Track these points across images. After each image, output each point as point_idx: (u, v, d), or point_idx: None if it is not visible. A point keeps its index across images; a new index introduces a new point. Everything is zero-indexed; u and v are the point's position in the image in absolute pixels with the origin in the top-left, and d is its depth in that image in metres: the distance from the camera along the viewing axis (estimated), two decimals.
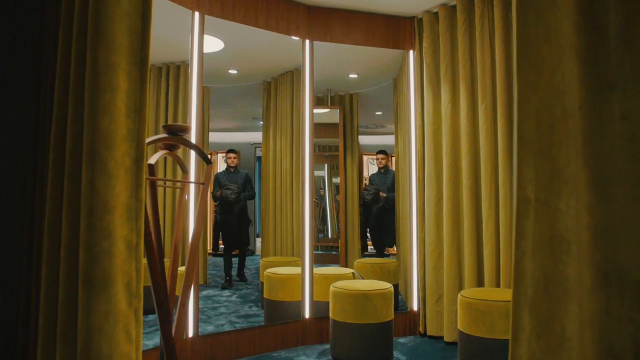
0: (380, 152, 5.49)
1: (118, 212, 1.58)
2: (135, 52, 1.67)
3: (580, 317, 0.98)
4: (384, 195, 5.35)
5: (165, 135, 2.48)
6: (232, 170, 5.50)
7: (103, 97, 1.58)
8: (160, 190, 4.52)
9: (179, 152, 3.83)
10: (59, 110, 1.66)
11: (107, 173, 1.57)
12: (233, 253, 5.43)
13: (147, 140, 2.44)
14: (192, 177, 3.41)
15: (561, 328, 0.98)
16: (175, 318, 2.57)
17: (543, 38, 1.01)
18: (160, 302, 2.36)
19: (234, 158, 5.55)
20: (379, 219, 5.38)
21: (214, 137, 5.68)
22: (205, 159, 2.75)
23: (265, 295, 3.96)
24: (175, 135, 2.52)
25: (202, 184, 2.70)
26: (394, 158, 6.46)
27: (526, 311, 0.98)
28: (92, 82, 1.58)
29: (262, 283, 4.22)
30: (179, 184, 4.49)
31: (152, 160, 2.65)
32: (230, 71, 4.74)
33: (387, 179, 5.45)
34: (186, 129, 2.53)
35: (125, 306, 1.58)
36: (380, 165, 5.44)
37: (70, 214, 1.58)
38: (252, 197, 5.49)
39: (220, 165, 6.69)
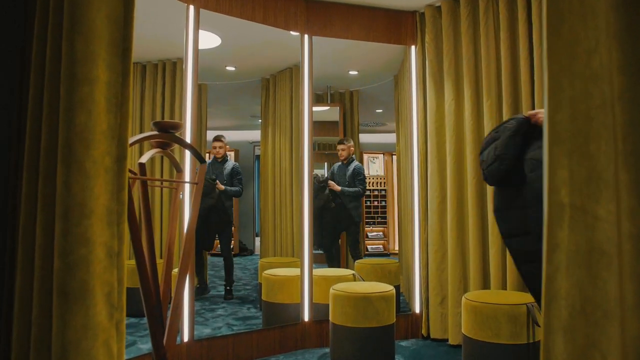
0: (340, 142, 4.96)
1: (97, 216, 1.42)
2: (116, 41, 1.51)
3: (622, 343, 0.82)
4: (338, 189, 4.77)
5: (155, 132, 2.32)
6: (218, 160, 4.91)
7: (80, 89, 1.42)
8: (156, 190, 4.37)
9: (175, 151, 3.67)
10: (34, 106, 1.50)
11: (84, 173, 1.41)
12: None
13: (136, 137, 2.28)
14: (187, 176, 3.24)
15: (601, 356, 0.82)
16: (167, 324, 2.42)
17: (578, 15, 0.85)
18: (151, 309, 2.20)
19: (220, 148, 4.90)
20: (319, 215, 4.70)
21: (212, 135, 5.52)
22: (199, 158, 2.58)
23: (263, 298, 3.80)
24: (167, 133, 2.36)
25: (196, 183, 2.55)
26: (394, 156, 6.31)
27: (560, 336, 0.82)
28: (68, 74, 1.41)
29: (260, 284, 4.06)
30: (172, 184, 4.33)
31: (144, 159, 2.49)
32: (227, 68, 4.57)
33: (346, 172, 4.88)
34: (178, 126, 2.36)
35: (105, 319, 1.42)
36: (342, 157, 4.92)
37: (44, 219, 1.42)
38: (238, 194, 4.81)
39: None
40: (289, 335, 3.53)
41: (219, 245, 6.37)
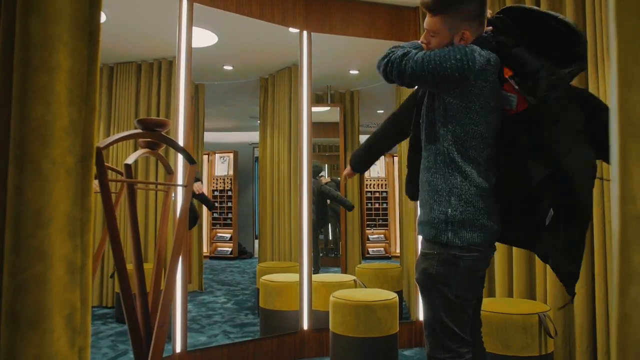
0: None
1: (56, 225, 1.19)
2: (80, 23, 1.27)
3: None
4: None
5: (138, 130, 2.09)
6: None
7: (36, 78, 1.18)
8: (151, 193, 4.14)
9: (170, 152, 3.44)
10: None
11: (40, 176, 1.17)
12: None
13: (118, 136, 2.05)
14: (179, 178, 3.00)
15: None
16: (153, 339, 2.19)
17: None
18: (133, 326, 1.97)
19: None
20: None
21: (210, 136, 5.29)
22: (188, 158, 2.35)
23: (261, 305, 3.56)
24: (152, 131, 2.13)
25: (185, 186, 2.31)
26: (395, 157, 6.06)
27: None
28: (22, 60, 1.18)
29: (259, 289, 3.83)
30: (159, 186, 4.09)
31: (130, 160, 2.26)
32: (225, 67, 4.34)
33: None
34: (164, 124, 2.13)
35: (65, 346, 1.18)
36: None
37: None
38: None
39: (218, 167, 6.29)
40: (287, 345, 3.29)
41: (217, 248, 6.15)
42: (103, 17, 3.59)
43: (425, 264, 1.69)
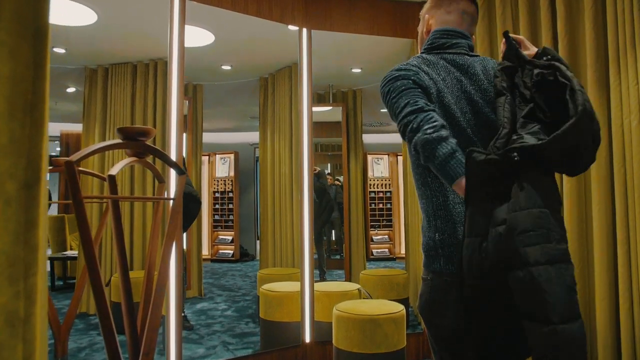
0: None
1: None
2: (24, 19, 1.00)
3: None
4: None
5: (118, 141, 1.83)
6: None
7: None
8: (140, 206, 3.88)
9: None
10: None
11: None
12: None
13: (94, 147, 1.79)
14: (172, 187, 2.74)
15: None
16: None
17: None
18: (112, 353, 1.73)
19: None
20: None
21: (210, 137, 5.03)
22: (176, 168, 2.09)
23: (261, 315, 3.30)
24: (134, 141, 1.87)
25: (173, 199, 2.05)
26: (399, 156, 5.79)
27: None
28: None
29: (259, 297, 3.57)
30: (155, 193, 3.79)
31: (114, 170, 2.01)
32: (223, 67, 4.07)
33: None
34: (147, 133, 1.86)
35: None
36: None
37: None
38: None
39: (219, 168, 6.03)
40: (288, 359, 3.04)
41: (219, 251, 5.90)
42: (94, 17, 3.34)
43: (421, 290, 1.45)
